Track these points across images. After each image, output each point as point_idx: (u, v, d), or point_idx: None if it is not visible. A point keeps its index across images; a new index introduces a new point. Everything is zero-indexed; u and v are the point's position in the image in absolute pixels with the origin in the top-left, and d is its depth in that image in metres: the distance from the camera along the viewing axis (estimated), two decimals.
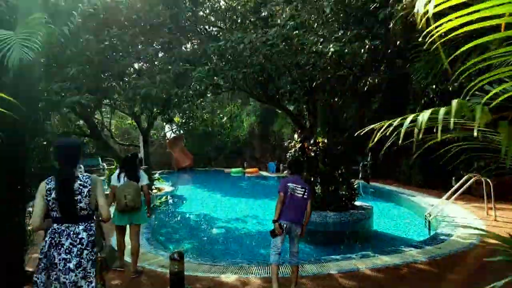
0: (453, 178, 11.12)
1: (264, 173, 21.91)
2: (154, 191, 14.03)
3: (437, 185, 12.10)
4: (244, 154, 25.63)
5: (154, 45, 5.07)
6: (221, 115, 23.23)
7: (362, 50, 4.48)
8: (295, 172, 4.56)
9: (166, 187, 15.57)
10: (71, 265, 2.63)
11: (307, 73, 4.36)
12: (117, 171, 5.24)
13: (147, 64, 5.73)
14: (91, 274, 2.69)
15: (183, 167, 25.98)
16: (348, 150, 7.74)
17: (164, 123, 27.07)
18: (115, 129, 16.68)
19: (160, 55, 5.73)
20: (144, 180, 5.33)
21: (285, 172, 8.90)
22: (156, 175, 14.50)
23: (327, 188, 8.29)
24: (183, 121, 9.64)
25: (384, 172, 14.58)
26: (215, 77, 4.48)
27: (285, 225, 4.22)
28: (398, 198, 11.60)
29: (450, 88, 9.06)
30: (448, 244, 6.07)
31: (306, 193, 4.35)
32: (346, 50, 4.09)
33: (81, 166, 22.48)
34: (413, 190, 12.10)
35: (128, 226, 5.23)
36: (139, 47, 4.98)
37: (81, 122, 13.92)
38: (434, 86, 9.39)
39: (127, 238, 5.35)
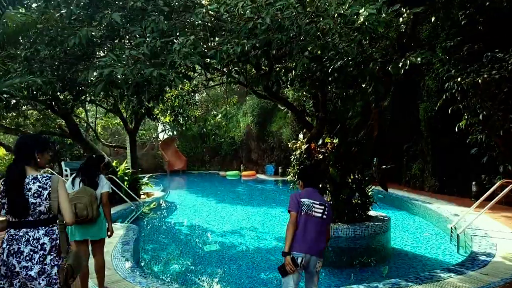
0: (473, 183, 10.01)
1: (262, 176, 20.70)
2: (143, 197, 12.82)
3: (453, 190, 10.99)
4: (241, 156, 24.41)
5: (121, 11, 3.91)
6: (214, 112, 21.97)
7: (402, 18, 3.38)
8: (311, 184, 3.41)
9: (156, 192, 14.34)
10: (33, 273, 2.49)
11: (327, 51, 3.27)
12: (72, 176, 4.48)
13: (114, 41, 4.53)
14: (57, 281, 2.53)
15: (176, 170, 24.76)
16: (363, 151, 6.57)
17: (156, 123, 25.90)
18: (101, 130, 15.44)
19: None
20: (104, 187, 4.46)
21: (288, 177, 7.56)
22: (145, 179, 13.27)
23: (338, 196, 7.11)
24: (172, 118, 8.47)
25: (393, 176, 13.45)
26: (205, 51, 3.32)
27: (300, 259, 3.05)
28: (411, 206, 10.43)
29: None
30: (495, 268, 4.91)
31: (326, 212, 3.22)
32: (383, 16, 2.97)
33: (67, 168, 21.17)
34: (427, 196, 10.95)
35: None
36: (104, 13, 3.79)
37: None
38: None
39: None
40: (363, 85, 4.98)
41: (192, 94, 8.43)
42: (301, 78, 3.64)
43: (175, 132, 25.28)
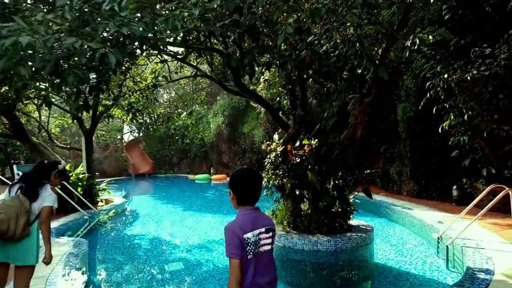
0: (454, 187, 9.54)
1: None
2: (100, 204, 11.57)
3: (433, 195, 10.51)
4: (211, 159, 23.35)
5: None
6: (179, 110, 20.79)
7: None
8: (250, 198, 2.25)
9: (117, 198, 13.08)
10: None
11: (317, 18, 2.46)
12: (13, 182, 3.68)
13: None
14: None
15: (141, 174, 23.37)
16: (345, 154, 5.80)
17: (121, 124, 24.35)
18: (55, 130, 13.98)
19: None
20: (46, 199, 3.51)
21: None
22: (102, 185, 12.00)
23: (318, 204, 6.33)
24: (129, 117, 7.43)
25: (368, 179, 12.90)
26: (154, 23, 2.38)
27: None
28: (390, 212, 9.82)
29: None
30: None
31: (274, 237, 2.28)
32: None
33: (19, 172, 19.33)
34: (406, 201, 10.39)
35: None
36: None
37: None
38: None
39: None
40: (349, 76, 4.17)
41: (153, 89, 7.41)
42: (282, 61, 2.77)
43: (141, 134, 23.87)
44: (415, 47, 2.70)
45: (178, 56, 5.22)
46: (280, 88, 6.94)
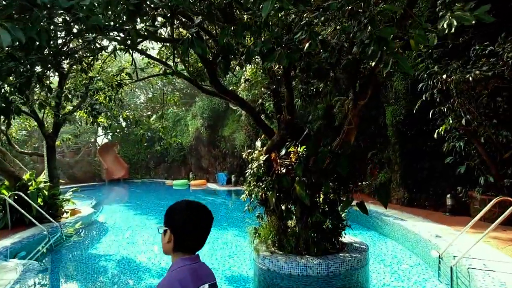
0: (448, 195, 8.95)
1: (213, 186, 18.80)
2: (65, 216, 10.46)
3: (425, 203, 9.92)
4: (190, 163, 22.32)
5: None
6: (149, 113, 19.74)
7: None
8: (194, 245, 1.60)
9: (84, 208, 11.94)
10: None
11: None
12: None
13: None
14: None
15: (115, 179, 22.11)
16: (339, 164, 5.02)
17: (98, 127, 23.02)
18: (15, 133, 12.73)
19: None
20: None
21: (243, 196, 5.71)
22: (67, 195, 10.88)
23: (306, 221, 5.53)
24: (90, 120, 6.48)
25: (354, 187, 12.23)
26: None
27: None
28: (381, 223, 9.13)
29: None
30: None
31: None
32: None
33: None
34: (397, 210, 9.74)
35: None
36: None
37: None
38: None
39: None
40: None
41: (117, 88, 6.49)
42: (268, 49, 1.99)
43: (109, 137, 22.60)
44: (451, 30, 1.96)
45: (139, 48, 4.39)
46: (262, 89, 6.12)
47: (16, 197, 9.04)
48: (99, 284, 6.22)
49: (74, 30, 2.77)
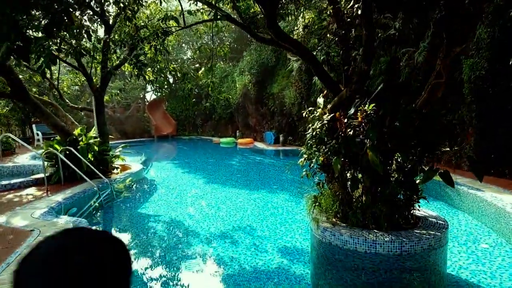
0: None
1: (260, 145, 18.30)
2: (115, 172, 10.48)
3: (505, 172, 8.64)
4: (237, 121, 21.89)
5: None
6: (197, 66, 19.14)
7: None
8: None
9: (134, 164, 11.94)
10: None
11: None
12: None
13: None
14: None
15: (164, 135, 22.32)
16: (429, 127, 4.11)
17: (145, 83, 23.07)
18: (67, 88, 12.78)
19: None
20: None
21: (300, 161, 4.86)
22: (117, 151, 10.83)
23: (376, 193, 4.75)
24: (135, 72, 5.99)
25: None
26: None
27: None
28: (451, 193, 8.06)
29: None
30: None
31: None
32: None
33: (39, 132, 18.59)
34: (470, 178, 8.53)
35: None
36: None
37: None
38: None
39: None
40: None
41: (163, 37, 5.83)
42: None
43: (158, 93, 22.54)
44: None
45: None
46: (328, 35, 5.16)
47: (67, 152, 9.04)
48: (149, 247, 5.98)
49: None
